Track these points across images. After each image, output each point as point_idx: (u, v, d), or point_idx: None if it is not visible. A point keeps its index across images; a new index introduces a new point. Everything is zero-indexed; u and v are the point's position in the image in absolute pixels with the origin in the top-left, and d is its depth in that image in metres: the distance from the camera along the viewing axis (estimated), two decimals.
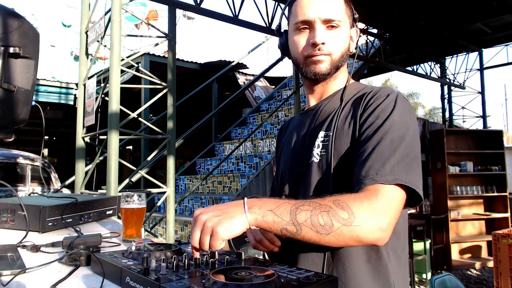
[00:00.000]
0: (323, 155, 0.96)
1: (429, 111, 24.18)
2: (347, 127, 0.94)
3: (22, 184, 5.39)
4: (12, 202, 1.23)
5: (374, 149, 0.85)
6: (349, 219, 0.76)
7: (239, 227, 0.76)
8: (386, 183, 0.81)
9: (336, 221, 0.76)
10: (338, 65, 1.00)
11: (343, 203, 0.78)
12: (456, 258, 6.10)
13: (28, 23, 1.16)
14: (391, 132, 0.87)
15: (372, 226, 0.78)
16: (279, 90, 7.65)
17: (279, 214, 0.77)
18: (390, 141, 0.85)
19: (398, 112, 0.90)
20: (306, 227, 0.76)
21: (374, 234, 0.78)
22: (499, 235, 3.32)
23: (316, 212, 0.77)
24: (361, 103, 0.95)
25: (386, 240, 0.80)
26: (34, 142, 9.63)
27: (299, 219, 0.77)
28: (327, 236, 0.77)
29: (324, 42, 0.96)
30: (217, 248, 0.76)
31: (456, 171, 6.14)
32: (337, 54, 0.99)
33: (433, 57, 8.66)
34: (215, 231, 0.75)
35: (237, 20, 5.05)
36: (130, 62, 3.86)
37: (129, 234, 1.21)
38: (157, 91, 3.65)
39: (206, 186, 5.47)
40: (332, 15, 0.96)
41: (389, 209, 0.80)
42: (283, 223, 0.77)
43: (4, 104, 1.11)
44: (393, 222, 0.81)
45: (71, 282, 0.79)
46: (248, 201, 0.79)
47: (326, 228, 0.76)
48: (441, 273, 2.25)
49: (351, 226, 0.76)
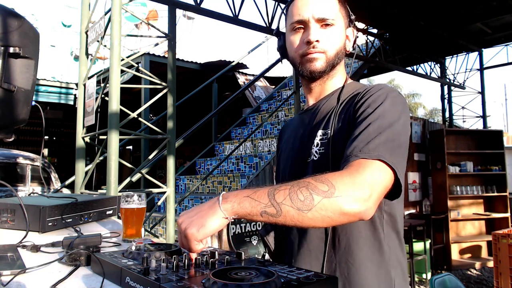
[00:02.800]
0: (321, 153, 0.96)
1: (430, 112, 24.18)
2: (344, 125, 0.95)
3: (22, 184, 5.39)
4: (12, 202, 1.23)
5: (361, 132, 0.86)
6: (329, 191, 0.74)
7: (213, 223, 0.75)
8: (369, 158, 0.80)
9: (316, 194, 0.74)
10: (334, 63, 1.02)
11: (322, 177, 0.77)
12: (456, 258, 6.10)
13: (28, 23, 1.16)
14: (380, 118, 0.87)
15: (354, 196, 0.75)
16: (279, 90, 7.65)
17: (256, 198, 0.75)
18: (377, 126, 0.86)
19: (389, 102, 0.90)
20: (286, 205, 0.74)
21: (358, 205, 0.75)
22: (499, 235, 3.32)
23: (295, 189, 0.75)
24: (356, 101, 0.96)
25: (371, 213, 0.78)
26: (34, 142, 9.63)
27: (277, 199, 0.74)
28: (309, 212, 0.74)
29: (318, 40, 0.98)
30: (195, 250, 0.75)
31: (456, 171, 6.14)
32: (331, 51, 1.00)
33: (433, 57, 8.65)
34: (186, 233, 0.75)
35: (237, 20, 5.05)
36: (130, 62, 3.85)
37: (129, 234, 1.21)
38: (157, 91, 3.65)
39: (206, 186, 5.47)
40: (326, 14, 0.98)
41: (371, 181, 0.78)
42: (261, 206, 0.74)
43: (4, 104, 1.11)
44: (376, 194, 0.78)
45: (71, 282, 0.79)
46: (224, 194, 0.78)
47: (306, 203, 0.74)
48: (441, 273, 2.25)
49: (332, 197, 0.74)
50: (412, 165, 6.12)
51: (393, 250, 0.96)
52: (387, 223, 0.96)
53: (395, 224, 0.97)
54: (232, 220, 0.77)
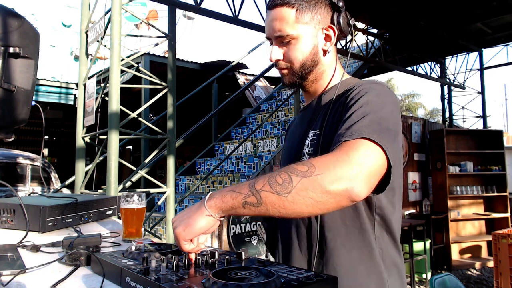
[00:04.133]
0: (311, 154, 0.96)
1: (430, 112, 24.18)
2: (333, 124, 0.93)
3: (22, 184, 5.39)
4: (12, 202, 1.23)
5: (345, 120, 0.84)
6: (308, 170, 0.70)
7: (200, 222, 0.76)
8: (351, 139, 0.77)
9: (294, 175, 0.70)
10: (303, 74, 1.01)
11: (303, 161, 0.74)
12: (456, 258, 6.10)
13: (28, 23, 1.16)
14: (364, 106, 0.84)
15: (338, 172, 0.70)
16: (279, 90, 7.65)
17: (237, 190, 0.75)
18: (361, 113, 0.83)
19: (374, 93, 0.88)
20: (265, 191, 0.71)
21: (342, 181, 0.70)
22: (499, 235, 3.32)
23: (274, 175, 0.73)
24: (344, 99, 0.94)
25: (361, 192, 0.72)
26: (34, 142, 9.63)
27: (257, 187, 0.73)
28: (289, 195, 0.70)
29: (278, 58, 1.00)
30: (185, 249, 0.78)
31: (456, 171, 6.14)
32: (296, 65, 1.00)
33: (433, 57, 8.66)
34: (175, 232, 0.77)
35: (237, 20, 5.05)
36: (130, 62, 3.85)
37: (129, 234, 1.21)
38: (157, 91, 3.65)
39: (206, 186, 5.47)
40: (282, 31, 0.97)
41: (358, 157, 0.73)
42: (242, 196, 0.73)
43: (4, 104, 1.11)
44: (365, 172, 0.72)
45: (71, 282, 0.79)
46: (211, 193, 0.79)
47: (285, 186, 0.70)
48: (441, 273, 2.25)
49: (312, 176, 0.70)
50: (412, 165, 6.12)
51: (386, 252, 0.93)
52: (379, 224, 0.93)
53: (389, 225, 0.94)
54: (220, 218, 0.77)
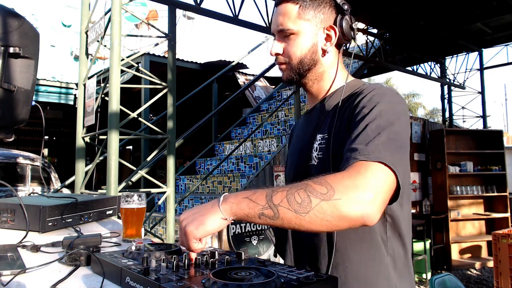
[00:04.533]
0: (320, 158, 0.96)
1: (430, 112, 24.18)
2: (342, 129, 0.93)
3: (22, 184, 5.39)
4: (12, 202, 1.23)
5: (360, 133, 0.83)
6: (328, 193, 0.71)
7: (213, 223, 0.75)
8: (369, 160, 0.77)
9: (314, 196, 0.71)
10: (302, 71, 1.01)
11: (321, 179, 0.74)
12: (456, 258, 6.10)
13: (28, 23, 1.16)
14: (378, 118, 0.84)
15: (355, 198, 0.72)
16: (279, 90, 7.65)
17: (254, 200, 0.75)
18: (376, 126, 0.83)
19: (386, 101, 0.88)
20: (283, 207, 0.72)
21: (359, 207, 0.71)
22: (499, 235, 3.32)
23: (293, 191, 0.73)
24: (352, 103, 0.93)
25: (375, 218, 0.73)
26: (34, 142, 9.63)
27: (275, 201, 0.73)
28: (307, 215, 0.71)
29: (278, 52, 1.01)
30: (193, 249, 0.76)
31: (456, 171, 6.14)
32: (294, 60, 1.00)
33: (433, 57, 8.65)
34: (185, 231, 0.76)
35: (237, 20, 5.05)
36: (130, 62, 3.85)
37: (129, 234, 1.21)
38: (157, 91, 3.65)
39: (206, 186, 5.47)
40: (284, 25, 0.99)
41: (374, 183, 0.74)
42: (259, 207, 0.73)
43: (4, 104, 1.11)
44: (380, 198, 0.74)
45: (71, 282, 0.79)
46: (225, 195, 0.78)
47: (304, 205, 0.71)
48: (441, 273, 2.25)
49: (331, 200, 0.71)
50: (412, 165, 6.12)
51: (398, 254, 0.93)
52: (391, 226, 0.93)
53: (399, 227, 0.94)
54: (231, 221, 0.77)
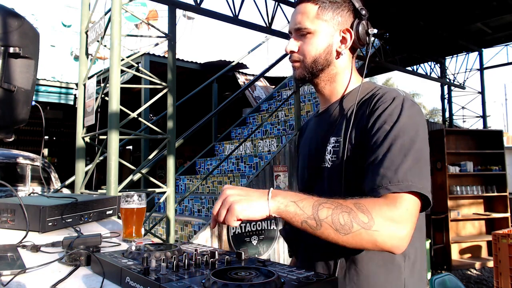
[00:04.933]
0: (334, 161, 0.98)
1: (430, 112, 24.18)
2: (356, 133, 0.95)
3: (22, 184, 5.39)
4: (12, 202, 1.23)
5: (385, 155, 0.86)
6: (368, 223, 0.78)
7: (257, 211, 0.79)
8: (401, 192, 0.82)
9: (356, 223, 0.78)
10: (315, 70, 1.02)
11: (363, 207, 0.80)
12: (456, 258, 6.10)
13: (28, 23, 1.16)
14: (401, 136, 0.87)
15: (391, 233, 0.79)
16: (279, 90, 7.64)
17: (301, 207, 0.80)
18: (400, 145, 0.86)
19: (406, 115, 0.89)
20: (327, 223, 0.78)
21: (392, 241, 0.79)
22: (499, 235, 3.32)
23: (338, 211, 0.79)
24: (367, 108, 0.94)
25: (403, 249, 0.81)
26: (34, 142, 9.63)
27: (320, 215, 0.79)
28: (345, 236, 0.78)
29: (293, 50, 1.03)
30: (231, 224, 0.79)
31: (456, 171, 6.14)
32: (309, 59, 1.02)
33: (433, 57, 8.65)
34: (233, 207, 0.78)
35: (237, 20, 5.05)
36: (130, 62, 3.85)
37: (129, 234, 1.21)
38: (157, 91, 3.65)
39: (206, 186, 5.46)
40: (301, 24, 1.01)
41: (407, 217, 0.81)
42: (305, 216, 0.79)
43: (4, 104, 1.11)
44: (411, 230, 0.81)
45: (71, 282, 0.79)
46: (273, 190, 0.82)
47: (345, 228, 0.78)
48: (441, 273, 2.25)
49: (370, 230, 0.78)
50: None
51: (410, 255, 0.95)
52: None
53: None
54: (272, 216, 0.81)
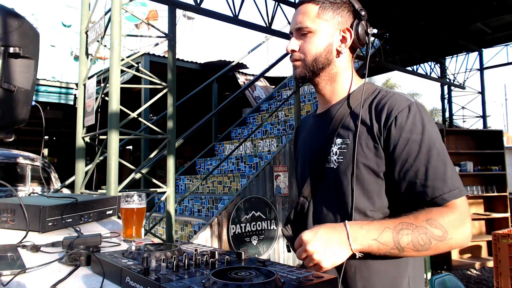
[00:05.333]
0: (340, 162, 1.00)
1: (430, 112, 24.20)
2: (366, 136, 0.97)
3: (22, 184, 5.39)
4: (12, 202, 1.23)
5: (427, 167, 0.93)
6: (443, 235, 0.88)
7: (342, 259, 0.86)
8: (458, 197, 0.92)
9: (433, 239, 0.88)
10: (315, 69, 1.05)
11: (435, 222, 0.88)
12: (456, 258, 6.09)
13: (28, 23, 1.16)
14: (433, 145, 0.95)
15: (461, 236, 0.90)
16: (279, 90, 7.65)
17: (383, 242, 0.87)
18: (437, 154, 0.94)
19: (427, 121, 0.96)
20: (408, 248, 0.87)
21: (463, 242, 0.91)
22: (499, 235, 3.32)
23: (416, 235, 0.87)
24: (379, 115, 0.97)
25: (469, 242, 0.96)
26: (34, 142, 9.63)
27: (401, 243, 0.87)
28: (425, 251, 0.89)
29: (294, 49, 1.06)
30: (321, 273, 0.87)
31: (456, 171, 6.13)
32: (309, 58, 1.04)
33: (433, 57, 8.65)
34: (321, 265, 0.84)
35: (237, 20, 5.05)
36: (130, 62, 3.85)
37: (129, 234, 1.21)
38: (157, 91, 3.65)
39: (206, 186, 5.47)
40: (302, 23, 1.04)
41: (467, 217, 0.93)
42: (388, 248, 0.87)
43: (4, 104, 1.11)
44: (471, 225, 0.94)
45: (71, 282, 0.79)
46: (351, 231, 0.87)
47: (425, 246, 0.88)
48: (441, 273, 2.25)
49: (445, 240, 0.88)
50: None
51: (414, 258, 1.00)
52: None
53: None
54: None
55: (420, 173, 0.92)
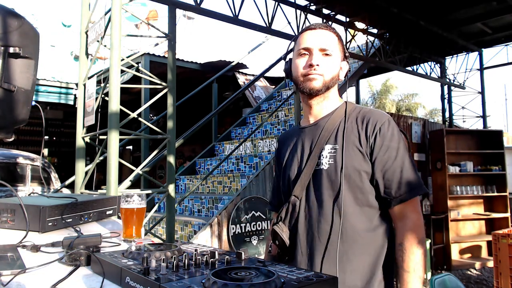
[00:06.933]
0: (330, 164, 1.17)
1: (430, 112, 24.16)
2: (353, 142, 1.17)
3: (22, 184, 5.39)
4: (12, 202, 1.23)
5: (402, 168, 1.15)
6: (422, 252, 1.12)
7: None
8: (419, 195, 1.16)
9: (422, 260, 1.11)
10: (329, 86, 1.24)
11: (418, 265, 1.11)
12: (456, 258, 6.10)
13: (28, 23, 1.16)
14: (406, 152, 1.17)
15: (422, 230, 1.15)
16: (279, 90, 7.64)
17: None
18: (409, 161, 1.16)
19: (398, 133, 1.20)
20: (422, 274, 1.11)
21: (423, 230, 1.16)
22: (499, 235, 3.32)
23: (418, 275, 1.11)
24: (366, 125, 1.18)
25: None
26: (34, 142, 9.63)
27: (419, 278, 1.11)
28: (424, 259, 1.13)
29: (319, 64, 1.21)
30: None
31: (456, 171, 6.14)
32: (328, 75, 1.23)
33: (433, 57, 8.65)
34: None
35: (237, 20, 5.05)
36: (130, 62, 3.85)
37: (129, 234, 1.21)
38: (157, 91, 3.65)
39: (206, 186, 5.46)
40: (326, 45, 1.23)
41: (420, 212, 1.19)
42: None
43: (4, 104, 1.11)
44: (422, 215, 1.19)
45: (71, 282, 0.79)
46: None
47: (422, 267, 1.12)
48: (441, 273, 2.25)
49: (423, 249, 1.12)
50: None
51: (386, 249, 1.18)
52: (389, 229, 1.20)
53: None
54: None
55: (396, 174, 1.14)
